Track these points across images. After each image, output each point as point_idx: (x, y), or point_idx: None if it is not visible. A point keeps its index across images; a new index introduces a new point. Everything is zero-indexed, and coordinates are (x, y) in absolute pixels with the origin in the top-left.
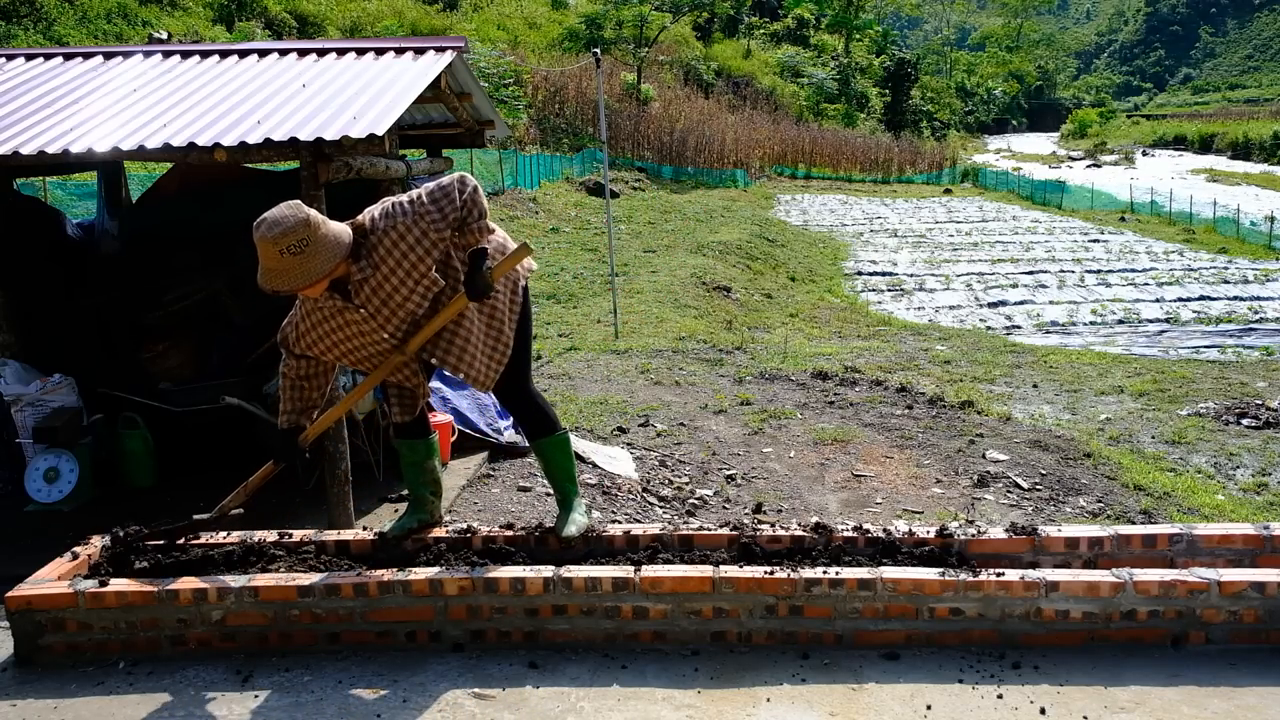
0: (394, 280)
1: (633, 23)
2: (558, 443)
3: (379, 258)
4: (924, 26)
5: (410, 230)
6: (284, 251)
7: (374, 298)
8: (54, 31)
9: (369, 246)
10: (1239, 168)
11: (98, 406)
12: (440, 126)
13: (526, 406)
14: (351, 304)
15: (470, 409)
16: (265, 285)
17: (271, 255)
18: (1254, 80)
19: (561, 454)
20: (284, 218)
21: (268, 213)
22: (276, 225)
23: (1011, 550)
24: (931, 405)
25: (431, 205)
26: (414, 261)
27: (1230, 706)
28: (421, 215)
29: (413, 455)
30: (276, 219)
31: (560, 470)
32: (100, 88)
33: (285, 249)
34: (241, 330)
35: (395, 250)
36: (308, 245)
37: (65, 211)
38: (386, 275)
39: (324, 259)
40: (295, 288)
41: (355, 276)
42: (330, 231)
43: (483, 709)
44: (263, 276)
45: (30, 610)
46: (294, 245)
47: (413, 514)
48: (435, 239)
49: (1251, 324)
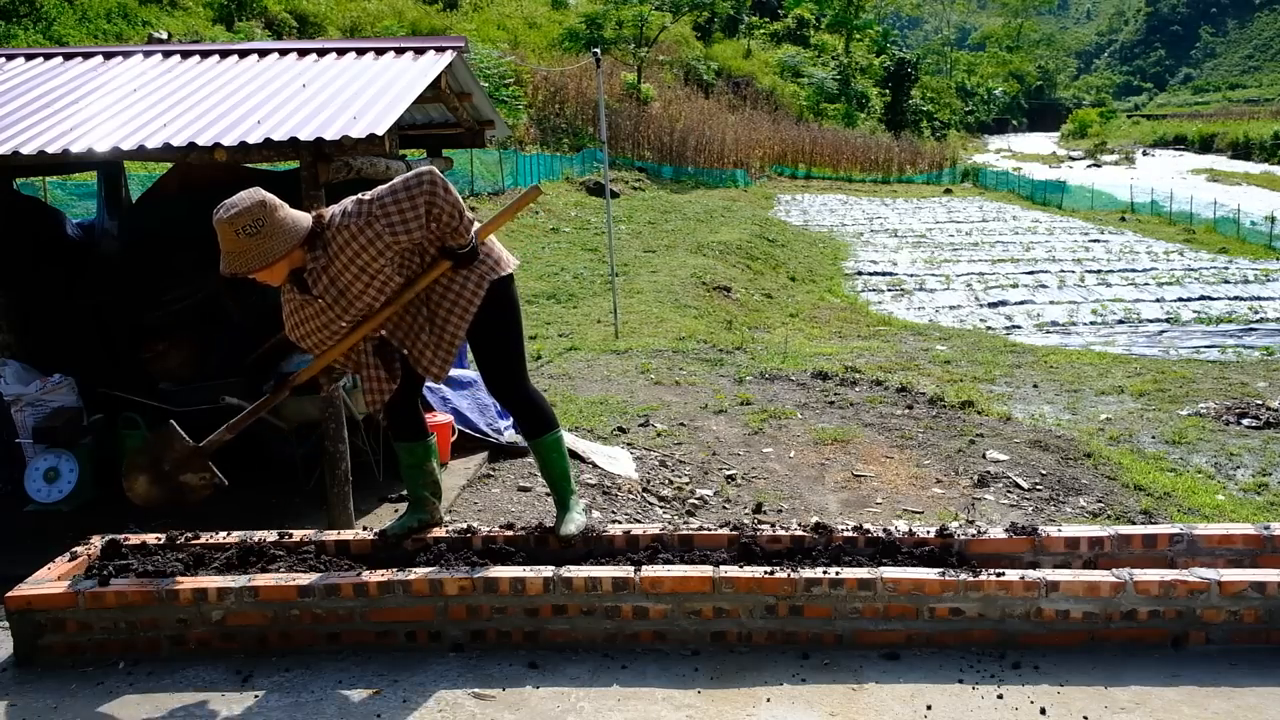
0: (346, 276)
1: (633, 23)
2: (554, 442)
3: (333, 252)
4: (924, 26)
5: (362, 232)
6: (239, 232)
7: (330, 289)
8: (54, 31)
9: (325, 240)
10: (1239, 168)
11: (98, 406)
12: (440, 126)
13: (523, 404)
14: (310, 295)
15: (470, 409)
16: (225, 269)
17: (229, 237)
18: (1254, 80)
19: (557, 453)
20: (240, 200)
21: (225, 200)
22: (233, 207)
23: (1011, 550)
24: (931, 405)
25: (390, 210)
26: (366, 262)
27: (1230, 706)
28: (375, 218)
29: (411, 458)
30: (233, 201)
31: (556, 469)
32: (100, 88)
33: (240, 229)
34: (241, 330)
35: (348, 249)
36: (263, 226)
37: (65, 211)
38: (340, 270)
39: (279, 241)
40: (252, 269)
41: (309, 265)
42: (287, 215)
43: (483, 709)
44: (223, 261)
45: (30, 610)
46: (249, 226)
47: (412, 514)
48: (389, 242)
49: (1252, 324)
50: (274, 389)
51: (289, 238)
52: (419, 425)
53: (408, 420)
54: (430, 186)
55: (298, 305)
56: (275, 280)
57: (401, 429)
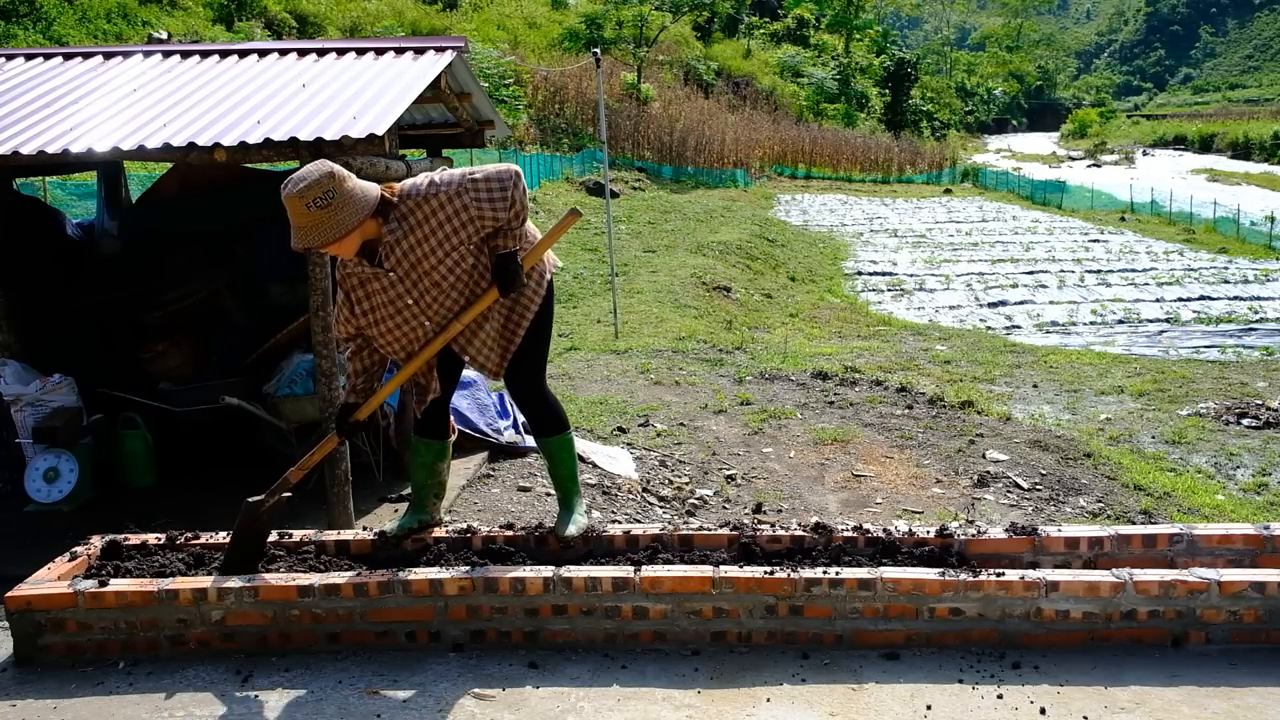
0: (424, 248)
1: (633, 23)
2: (565, 442)
3: (414, 223)
4: (924, 26)
5: (450, 202)
6: (310, 205)
7: (403, 262)
8: (54, 31)
9: (402, 212)
10: (1239, 168)
11: (98, 406)
12: (440, 126)
13: (539, 403)
14: (381, 268)
15: (470, 409)
16: (298, 244)
17: (299, 211)
18: (1254, 80)
19: (567, 454)
20: (308, 172)
21: (292, 174)
22: (301, 180)
23: (1011, 550)
24: (931, 405)
25: (479, 186)
26: (448, 233)
27: (1230, 706)
28: (464, 191)
29: (428, 455)
30: (301, 174)
31: (565, 469)
32: (100, 88)
33: (311, 202)
34: (241, 330)
35: (431, 220)
36: (334, 198)
37: (65, 211)
38: (418, 241)
39: (351, 211)
40: (325, 242)
41: (385, 238)
42: (356, 186)
43: (483, 709)
44: (294, 236)
45: (30, 610)
46: (320, 198)
47: (413, 514)
48: (474, 215)
49: (1251, 324)
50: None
51: (360, 208)
52: (446, 424)
53: (439, 417)
54: (516, 177)
55: (364, 279)
56: (347, 253)
57: (431, 425)
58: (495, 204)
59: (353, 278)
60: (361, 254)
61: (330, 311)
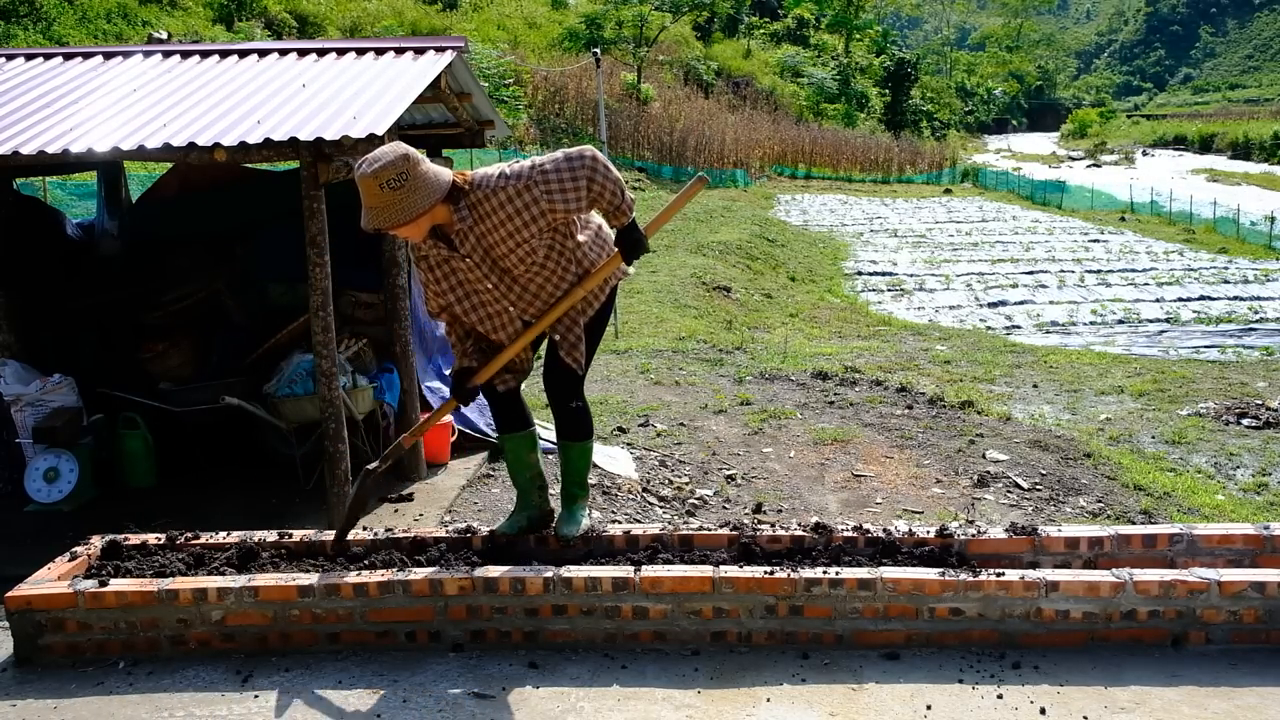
0: (494, 237)
1: (633, 23)
2: (585, 450)
3: (484, 212)
4: (924, 26)
5: (520, 195)
6: (384, 186)
7: (476, 249)
8: (54, 31)
9: (472, 201)
10: (1239, 168)
11: (98, 406)
12: (440, 126)
13: (579, 406)
14: (457, 253)
15: (470, 409)
16: (369, 225)
17: (372, 191)
18: (1254, 80)
19: (584, 462)
20: (383, 153)
21: (366, 155)
22: (376, 160)
23: (1011, 550)
24: (931, 405)
25: (550, 179)
26: (518, 226)
27: (1230, 706)
28: (535, 183)
29: (520, 448)
30: (376, 155)
31: (576, 473)
32: (100, 88)
33: (385, 183)
34: (241, 330)
35: (501, 210)
36: (407, 180)
37: (65, 211)
38: (488, 230)
39: (423, 195)
40: (397, 224)
41: (456, 225)
42: (429, 169)
43: (483, 709)
44: (365, 216)
45: (30, 610)
46: (393, 180)
47: (521, 511)
48: (545, 208)
49: (1251, 324)
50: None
51: (432, 192)
52: (527, 414)
53: (519, 410)
54: (591, 162)
55: (441, 260)
56: (416, 236)
57: (513, 420)
58: (566, 196)
59: (431, 258)
60: (436, 237)
61: (329, 312)
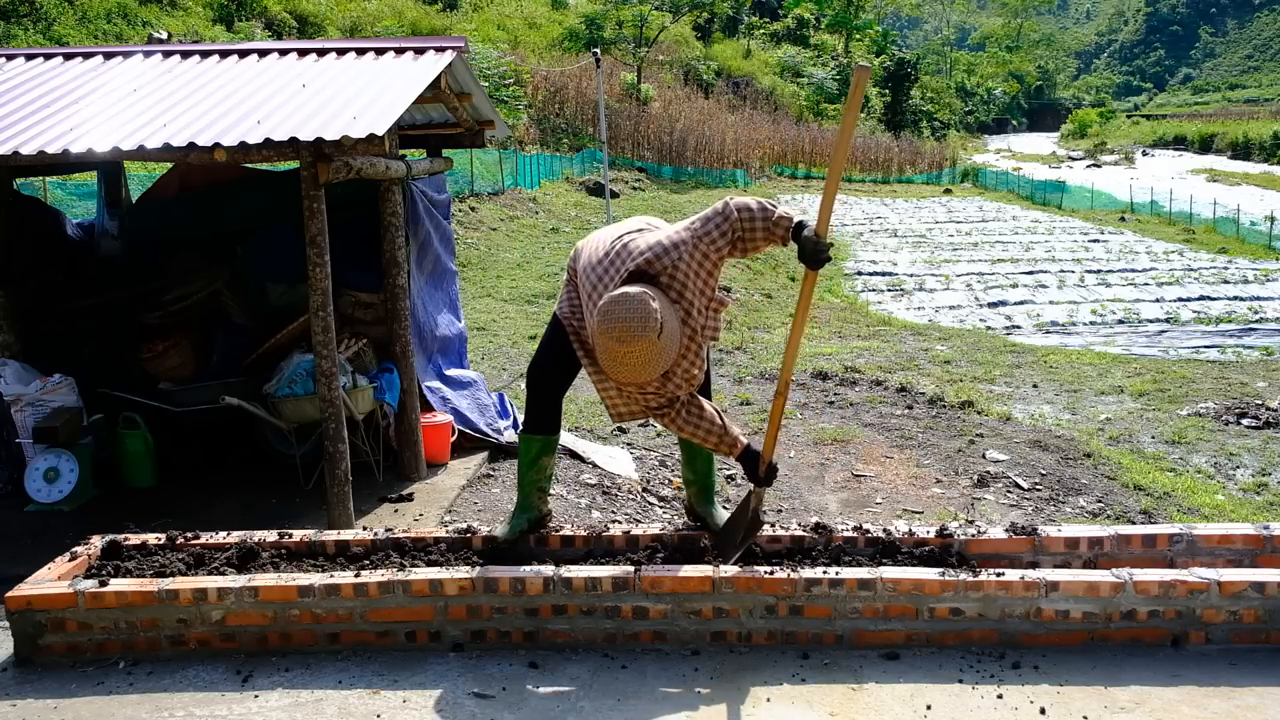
0: (691, 295)
1: (633, 23)
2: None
3: (679, 284)
4: (924, 26)
5: (692, 256)
6: (659, 335)
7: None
8: (54, 31)
9: (664, 285)
10: (1239, 168)
11: (98, 406)
12: (440, 126)
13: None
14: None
15: (470, 409)
16: (617, 378)
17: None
18: (1254, 80)
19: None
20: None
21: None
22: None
23: (1011, 550)
24: (931, 405)
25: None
26: (704, 277)
27: (1230, 706)
28: (700, 239)
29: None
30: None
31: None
32: (100, 88)
33: (657, 334)
34: (241, 330)
35: (691, 274)
36: (662, 321)
37: (65, 211)
38: (692, 296)
39: (670, 351)
40: (653, 377)
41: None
42: (671, 323)
43: (483, 709)
44: (615, 371)
45: (30, 610)
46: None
47: (521, 514)
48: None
49: (1251, 324)
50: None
51: (675, 339)
52: (558, 418)
53: (558, 413)
54: (724, 212)
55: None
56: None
57: (550, 422)
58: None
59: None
60: None
61: (329, 312)
